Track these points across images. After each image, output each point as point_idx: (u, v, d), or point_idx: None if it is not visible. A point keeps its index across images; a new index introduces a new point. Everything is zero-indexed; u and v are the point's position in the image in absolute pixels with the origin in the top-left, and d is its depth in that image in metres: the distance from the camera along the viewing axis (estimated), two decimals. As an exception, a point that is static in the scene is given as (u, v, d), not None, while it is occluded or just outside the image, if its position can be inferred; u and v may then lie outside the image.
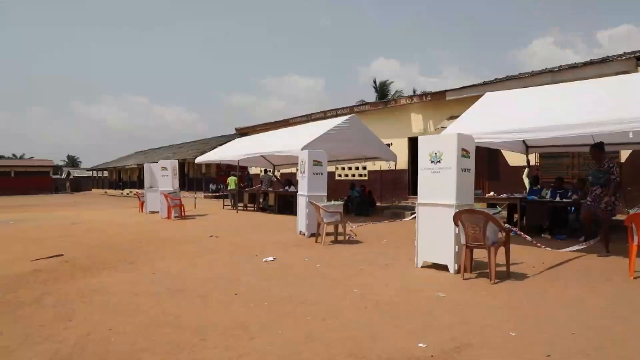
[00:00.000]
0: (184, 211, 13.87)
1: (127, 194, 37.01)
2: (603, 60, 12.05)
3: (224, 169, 26.75)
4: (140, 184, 28.86)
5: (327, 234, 8.35)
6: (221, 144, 23.48)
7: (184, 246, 8.16)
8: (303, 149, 10.53)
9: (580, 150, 11.40)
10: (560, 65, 13.40)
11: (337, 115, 17.11)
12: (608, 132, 6.89)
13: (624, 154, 11.71)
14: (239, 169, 17.34)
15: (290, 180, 16.96)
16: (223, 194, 19.86)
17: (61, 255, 7.27)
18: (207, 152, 22.52)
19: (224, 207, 18.20)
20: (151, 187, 15.74)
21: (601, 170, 7.01)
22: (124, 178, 46.79)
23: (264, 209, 16.39)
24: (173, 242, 8.62)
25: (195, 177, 30.25)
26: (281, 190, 16.04)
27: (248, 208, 17.30)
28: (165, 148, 45.41)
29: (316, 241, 8.36)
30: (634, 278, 5.34)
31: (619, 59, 11.63)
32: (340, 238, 8.44)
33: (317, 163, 9.08)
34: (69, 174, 65.49)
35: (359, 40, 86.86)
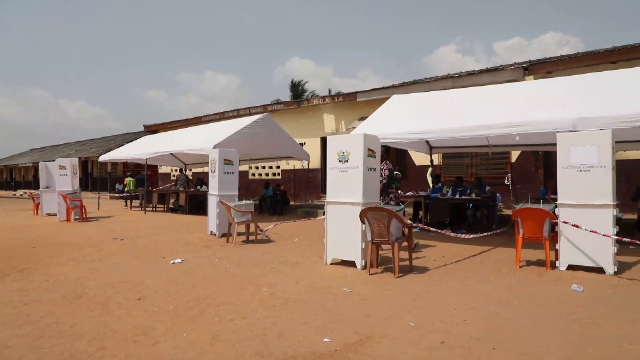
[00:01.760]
0: (85, 213, 12.96)
1: (21, 195, 33.82)
2: (496, 69, 13.12)
3: (131, 168, 25.39)
4: (35, 184, 26.51)
5: (239, 234, 8.26)
6: (129, 142, 22.25)
7: (84, 250, 7.64)
8: (215, 147, 10.32)
9: (479, 151, 12.34)
10: (460, 72, 14.37)
11: (250, 114, 16.99)
12: (499, 135, 7.54)
13: (514, 155, 12.85)
14: (147, 168, 16.55)
15: (202, 179, 16.52)
16: (131, 194, 18.86)
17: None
18: (113, 150, 21.24)
19: (131, 208, 17.30)
20: (48, 188, 14.50)
21: None
22: (17, 178, 42.65)
23: (174, 210, 15.81)
24: (72, 247, 8.04)
25: (100, 177, 28.41)
26: (192, 189, 15.58)
27: (157, 209, 16.59)
28: (66, 145, 42.12)
29: (227, 241, 8.24)
30: (520, 267, 5.91)
31: (510, 68, 12.74)
32: (251, 238, 8.39)
33: (228, 162, 8.94)
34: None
35: (276, 38, 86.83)
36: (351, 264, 5.95)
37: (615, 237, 5.38)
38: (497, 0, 79.69)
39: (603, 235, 5.32)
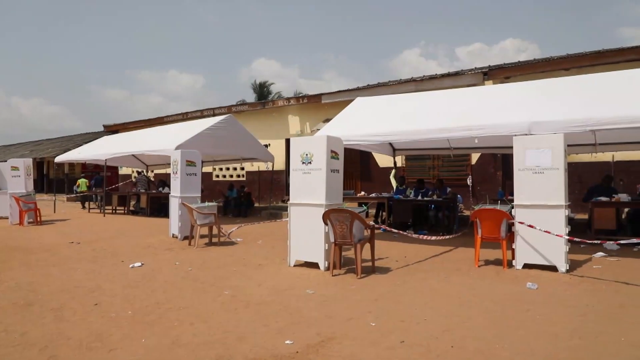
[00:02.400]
0: (39, 216, 12.46)
1: (-30, 197, 32.11)
2: (457, 73, 13.47)
3: (90, 169, 24.57)
4: (-15, 186, 25.17)
5: (201, 237, 8.14)
6: (88, 142, 21.52)
7: (37, 255, 7.34)
8: (177, 148, 10.14)
9: (441, 153, 12.62)
10: (423, 76, 14.67)
11: (214, 115, 16.79)
12: (459, 137, 7.74)
13: (475, 157, 13.20)
14: (106, 169, 16.08)
15: (165, 181, 16.18)
16: (84, 195, 18.26)
17: None
18: (71, 150, 20.50)
19: (89, 211, 16.76)
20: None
21: None
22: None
23: (135, 212, 15.42)
24: (24, 251, 7.71)
25: (57, 178, 27.36)
26: (154, 191, 15.24)
27: (117, 211, 16.13)
28: (20, 145, 40.32)
29: (189, 244, 8.10)
30: (479, 266, 6.06)
31: (470, 72, 13.10)
32: (214, 240, 8.27)
33: (190, 163, 8.80)
34: None
35: (242, 39, 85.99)
36: (314, 265, 5.96)
37: (567, 237, 5.60)
38: (460, 6, 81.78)
39: (556, 235, 5.53)
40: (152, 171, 19.16)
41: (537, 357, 3.09)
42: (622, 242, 5.92)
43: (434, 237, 7.01)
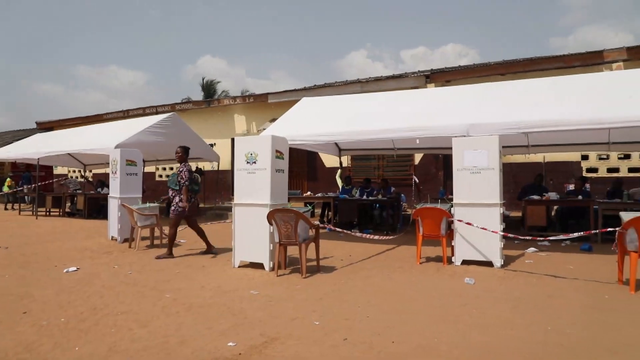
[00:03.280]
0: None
1: None
2: (401, 76, 13.82)
3: (22, 169, 23.11)
4: None
5: (142, 239, 7.88)
6: (19, 139, 20.23)
7: (-41, 261, 6.82)
8: (117, 147, 9.74)
9: (385, 154, 12.88)
10: (369, 77, 14.93)
11: (157, 113, 16.28)
12: (402, 138, 7.94)
13: (417, 157, 13.60)
14: (38, 169, 15.19)
15: (104, 181, 15.50)
16: (7, 195, 17.17)
17: None
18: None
19: (20, 213, 15.77)
20: None
21: (175, 173, 7.11)
22: None
23: (71, 214, 14.67)
24: (-56, 257, 7.14)
25: (-17, 179, 25.55)
26: (92, 192, 14.57)
27: (52, 213, 15.27)
28: (-59, 143, 37.29)
29: (129, 247, 7.81)
30: (420, 264, 6.25)
31: (413, 75, 13.48)
32: (156, 242, 8.03)
33: (130, 163, 8.49)
34: None
35: (187, 35, 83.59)
36: (259, 266, 5.92)
37: (502, 234, 5.89)
38: (405, 9, 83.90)
39: (492, 231, 5.80)
40: (90, 171, 18.31)
41: (473, 349, 3.22)
42: (551, 238, 6.29)
43: (378, 236, 7.16)
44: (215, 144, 16.19)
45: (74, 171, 21.03)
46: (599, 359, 3.04)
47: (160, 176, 18.66)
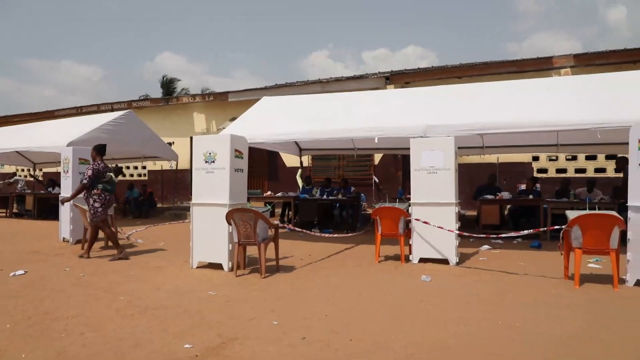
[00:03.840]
0: None
1: None
2: (361, 77, 13.97)
3: (-35, 168, 21.90)
4: None
5: (96, 240, 7.59)
6: (-40, 137, 19.14)
7: None
8: (69, 145, 9.40)
9: (345, 153, 13.00)
10: (330, 77, 15.01)
11: (112, 110, 15.75)
12: (361, 138, 8.03)
13: (377, 157, 13.78)
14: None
15: (55, 180, 14.89)
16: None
17: None
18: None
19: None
20: None
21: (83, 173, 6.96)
22: None
23: (20, 215, 14.01)
24: None
25: None
26: (42, 192, 13.97)
27: (-2, 214, 14.54)
28: None
29: (82, 248, 7.52)
30: (379, 262, 6.34)
31: (374, 76, 13.65)
32: (111, 244, 7.78)
33: (83, 161, 8.19)
34: None
35: (145, 30, 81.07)
36: (218, 266, 5.85)
37: (458, 232, 6.06)
38: (367, 11, 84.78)
39: (448, 230, 5.96)
40: (41, 170, 17.54)
41: (427, 345, 3.30)
42: (503, 236, 6.52)
43: (337, 236, 7.22)
44: (173, 142, 15.88)
45: (23, 170, 20.10)
46: (545, 350, 3.18)
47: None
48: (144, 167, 17.36)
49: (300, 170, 12.61)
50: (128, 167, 17.83)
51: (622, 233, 4.85)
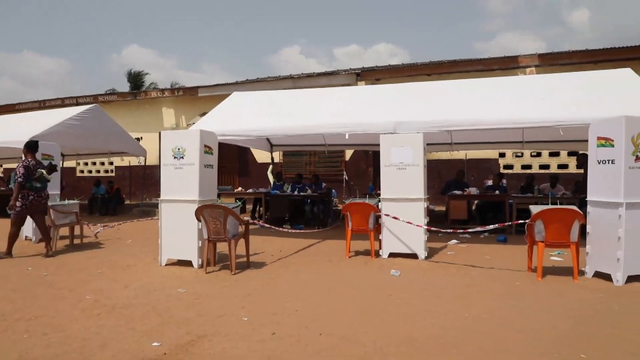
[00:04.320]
0: None
1: None
2: (333, 73, 14.02)
3: None
4: None
5: (61, 238, 7.42)
6: None
7: None
8: (31, 139, 9.06)
9: (316, 150, 13.02)
10: (301, 73, 14.98)
11: (77, 104, 15.31)
12: (332, 134, 8.06)
13: (348, 154, 13.86)
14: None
15: (17, 177, 14.38)
16: None
17: None
18: None
19: None
20: None
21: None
22: None
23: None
24: None
25: None
26: (3, 188, 13.48)
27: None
28: None
29: (46, 247, 7.30)
30: (349, 257, 6.40)
31: (345, 73, 13.71)
32: (77, 241, 7.59)
33: (47, 157, 7.94)
34: None
35: (113, 22, 78.62)
36: (188, 263, 5.78)
37: (426, 227, 6.17)
38: (339, 8, 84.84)
39: (417, 225, 6.06)
40: (1, 165, 16.92)
41: (395, 338, 3.36)
42: (470, 230, 6.67)
43: (308, 231, 7.23)
44: (142, 138, 15.55)
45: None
46: (507, 340, 3.29)
47: (82, 171, 17.64)
48: (111, 163, 16.96)
49: (271, 166, 12.57)
50: (94, 163, 17.38)
51: (582, 227, 5.04)
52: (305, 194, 10.13)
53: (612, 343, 3.24)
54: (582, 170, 8.29)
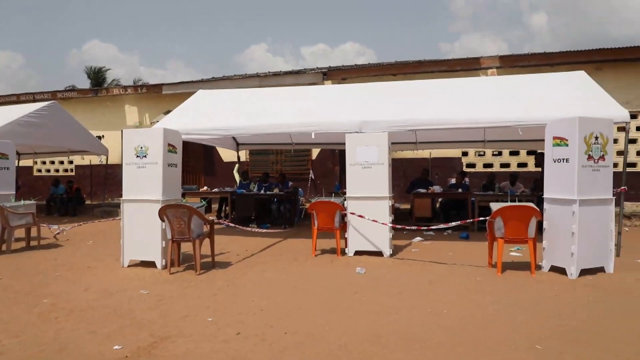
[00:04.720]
0: None
1: None
2: (299, 72, 13.99)
3: None
4: None
5: (17, 240, 7.15)
6: None
7: None
8: (-17, 138, 8.68)
9: (283, 148, 12.97)
10: (268, 72, 14.89)
11: (34, 101, 14.73)
12: (298, 132, 8.06)
13: (315, 153, 13.88)
14: None
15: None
16: None
17: None
18: None
19: None
20: None
21: None
22: None
23: None
24: None
25: None
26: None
27: None
28: None
29: (0, 249, 7.03)
30: (316, 256, 6.42)
31: (311, 72, 13.71)
32: (33, 243, 7.31)
33: (1, 156, 7.63)
34: None
35: (73, 14, 75.61)
36: (151, 264, 5.68)
37: (391, 225, 6.26)
38: (306, 6, 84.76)
39: (382, 223, 6.14)
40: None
41: (360, 335, 3.40)
42: (434, 227, 6.82)
43: (274, 230, 7.22)
44: (103, 136, 15.13)
45: None
46: (467, 333, 3.38)
47: (40, 171, 17.00)
48: (71, 162, 16.40)
49: (237, 165, 12.45)
50: (53, 162, 16.78)
51: (539, 223, 5.23)
52: (272, 193, 10.09)
53: (565, 334, 3.38)
54: (540, 169, 8.58)
